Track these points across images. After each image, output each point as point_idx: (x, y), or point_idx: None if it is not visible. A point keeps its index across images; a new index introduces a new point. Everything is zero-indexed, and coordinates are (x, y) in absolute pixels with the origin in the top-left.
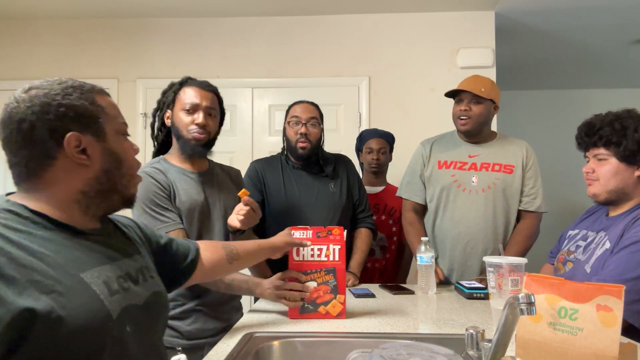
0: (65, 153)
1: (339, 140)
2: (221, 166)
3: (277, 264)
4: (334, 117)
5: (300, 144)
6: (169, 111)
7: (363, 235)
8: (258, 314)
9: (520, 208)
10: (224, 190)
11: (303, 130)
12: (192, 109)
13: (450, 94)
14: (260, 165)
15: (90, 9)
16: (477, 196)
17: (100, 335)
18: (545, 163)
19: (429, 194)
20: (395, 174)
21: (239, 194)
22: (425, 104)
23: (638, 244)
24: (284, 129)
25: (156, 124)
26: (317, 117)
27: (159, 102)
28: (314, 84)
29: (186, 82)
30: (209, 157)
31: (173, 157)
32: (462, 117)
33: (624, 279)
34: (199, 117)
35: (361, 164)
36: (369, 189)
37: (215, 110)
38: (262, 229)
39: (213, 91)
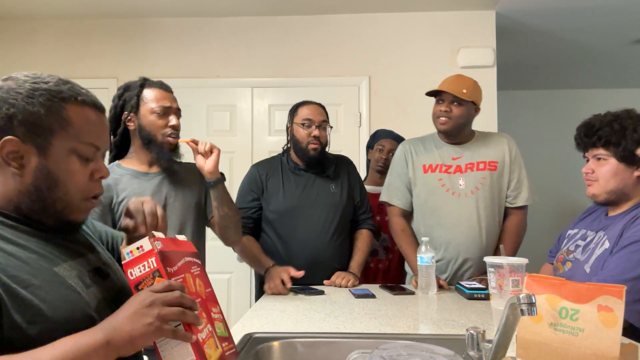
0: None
1: (339, 140)
2: (180, 164)
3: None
4: (334, 117)
5: (312, 145)
6: (131, 115)
7: (364, 236)
8: (258, 314)
9: (506, 205)
10: (187, 186)
11: (316, 132)
12: (164, 112)
13: (432, 94)
14: (262, 169)
15: (90, 9)
16: (466, 199)
17: (82, 327)
18: (545, 163)
19: (416, 199)
20: None
21: (185, 141)
22: (425, 104)
23: (637, 244)
24: (290, 128)
25: (119, 129)
26: (327, 120)
27: (117, 106)
28: (314, 83)
29: (145, 83)
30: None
31: (130, 161)
32: (441, 117)
33: (624, 279)
34: (173, 119)
35: (368, 161)
36: (374, 188)
37: (180, 112)
38: (258, 230)
39: (172, 92)
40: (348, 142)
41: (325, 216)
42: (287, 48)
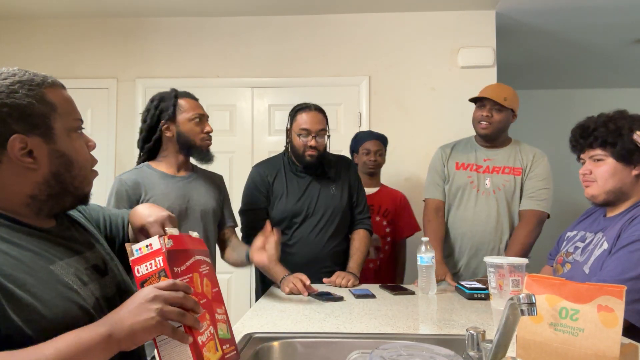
0: (10, 157)
1: (339, 140)
2: (204, 171)
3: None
4: (334, 117)
5: (309, 152)
6: (168, 123)
7: (361, 237)
8: (258, 314)
9: (520, 209)
10: (208, 192)
11: (312, 143)
12: (200, 119)
13: (474, 100)
14: (266, 170)
15: (90, 9)
16: (489, 197)
17: (80, 325)
18: None
19: (447, 193)
20: (389, 174)
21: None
22: (426, 104)
23: (636, 244)
24: (289, 133)
25: (154, 135)
26: (325, 127)
27: (153, 116)
28: (314, 83)
29: (177, 94)
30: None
31: (160, 164)
32: (483, 122)
33: (624, 279)
34: (208, 126)
35: (355, 165)
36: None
37: (208, 117)
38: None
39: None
40: (348, 142)
41: (325, 217)
42: (287, 48)
